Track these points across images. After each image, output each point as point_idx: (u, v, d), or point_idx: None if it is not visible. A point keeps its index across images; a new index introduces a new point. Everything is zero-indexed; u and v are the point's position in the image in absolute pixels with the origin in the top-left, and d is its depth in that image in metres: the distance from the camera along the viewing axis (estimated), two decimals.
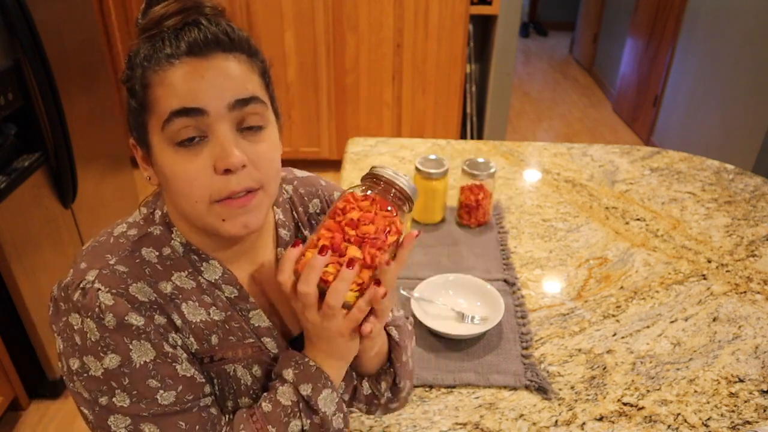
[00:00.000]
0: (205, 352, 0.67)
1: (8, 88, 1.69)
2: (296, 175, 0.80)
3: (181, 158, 0.59)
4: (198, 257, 0.67)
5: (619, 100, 4.46)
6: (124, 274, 0.63)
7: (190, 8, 0.59)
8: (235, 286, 0.69)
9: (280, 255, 0.73)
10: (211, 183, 0.59)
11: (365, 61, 3.10)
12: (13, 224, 1.71)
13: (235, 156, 0.58)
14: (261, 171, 0.61)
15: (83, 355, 0.60)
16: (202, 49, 0.58)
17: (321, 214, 0.78)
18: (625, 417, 0.98)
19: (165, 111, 0.57)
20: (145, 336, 0.61)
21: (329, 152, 3.34)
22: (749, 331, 1.16)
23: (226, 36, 0.59)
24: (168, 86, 0.57)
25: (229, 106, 0.58)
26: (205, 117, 0.57)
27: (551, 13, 6.40)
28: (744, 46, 2.89)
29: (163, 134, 0.58)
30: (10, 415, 1.94)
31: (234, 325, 0.68)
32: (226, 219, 0.61)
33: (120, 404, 0.61)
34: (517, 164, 1.76)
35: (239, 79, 0.59)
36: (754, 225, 1.49)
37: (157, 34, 0.59)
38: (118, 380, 0.60)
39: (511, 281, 1.27)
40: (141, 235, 0.66)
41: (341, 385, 0.73)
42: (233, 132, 0.59)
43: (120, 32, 3.03)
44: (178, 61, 0.57)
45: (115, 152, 2.43)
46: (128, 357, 0.60)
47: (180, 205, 0.62)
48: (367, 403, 0.79)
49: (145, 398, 0.61)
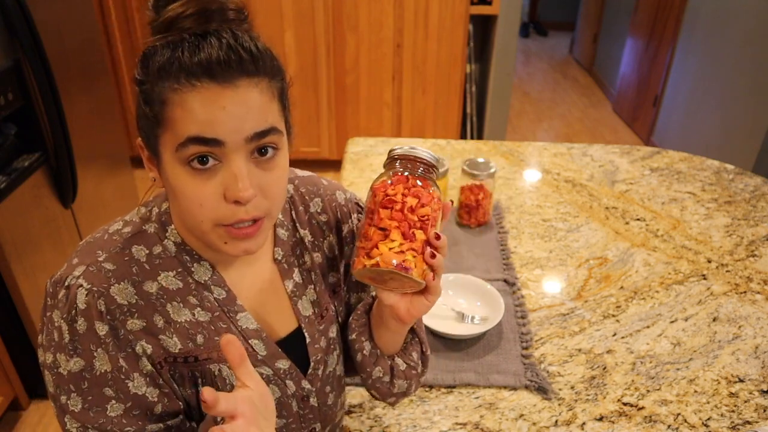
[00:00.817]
0: (190, 352, 0.67)
1: (8, 88, 1.69)
2: (298, 175, 0.80)
3: (192, 180, 0.58)
4: (190, 257, 0.67)
5: (619, 100, 4.46)
6: (109, 272, 0.63)
7: (213, 11, 0.57)
8: (223, 287, 0.69)
9: (277, 255, 0.73)
10: (219, 209, 0.59)
11: (365, 61, 3.10)
12: (13, 224, 1.71)
13: (247, 190, 0.57)
14: (269, 200, 0.61)
15: (57, 351, 0.63)
16: (224, 71, 0.55)
17: (322, 213, 0.78)
18: (625, 417, 0.98)
19: (181, 135, 0.56)
20: (104, 346, 0.62)
21: (329, 152, 3.35)
22: (749, 331, 1.16)
23: (249, 54, 0.56)
24: (187, 111, 0.55)
25: (246, 139, 0.57)
26: (221, 147, 0.57)
27: (551, 13, 6.40)
28: (744, 46, 2.89)
29: (177, 154, 0.57)
30: (10, 415, 1.94)
31: (221, 326, 0.68)
32: (228, 242, 0.61)
33: (72, 408, 0.63)
34: (517, 164, 1.76)
35: (259, 111, 0.57)
36: (754, 225, 1.49)
37: (176, 39, 0.56)
38: (78, 384, 0.62)
39: (511, 281, 1.27)
40: (134, 233, 0.67)
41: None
42: (247, 162, 0.58)
43: (120, 32, 3.03)
44: (199, 84, 0.55)
45: (115, 152, 2.43)
46: (91, 363, 0.62)
47: (185, 218, 0.62)
48: (406, 378, 0.80)
49: (97, 406, 0.63)
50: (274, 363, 0.72)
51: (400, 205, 0.63)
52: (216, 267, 0.69)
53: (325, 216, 0.78)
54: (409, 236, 0.63)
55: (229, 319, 0.69)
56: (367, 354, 0.78)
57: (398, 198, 0.63)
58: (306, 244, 0.76)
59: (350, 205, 0.80)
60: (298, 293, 0.75)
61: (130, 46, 3.07)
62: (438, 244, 0.64)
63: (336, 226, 0.78)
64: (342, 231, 0.79)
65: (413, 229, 0.63)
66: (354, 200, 0.81)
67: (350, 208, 0.80)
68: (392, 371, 0.79)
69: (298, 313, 0.75)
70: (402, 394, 0.83)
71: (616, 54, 4.54)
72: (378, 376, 0.79)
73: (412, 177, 0.65)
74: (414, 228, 0.63)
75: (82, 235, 2.11)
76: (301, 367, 0.75)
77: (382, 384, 0.80)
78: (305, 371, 0.75)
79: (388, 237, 0.63)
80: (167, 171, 0.60)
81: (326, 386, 0.80)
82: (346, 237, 0.79)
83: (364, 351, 0.78)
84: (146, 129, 0.61)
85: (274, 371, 0.72)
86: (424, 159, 0.66)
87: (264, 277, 0.73)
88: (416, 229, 0.63)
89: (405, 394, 0.83)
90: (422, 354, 0.82)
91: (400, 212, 0.63)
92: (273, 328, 0.74)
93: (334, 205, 0.79)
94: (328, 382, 0.80)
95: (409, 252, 0.63)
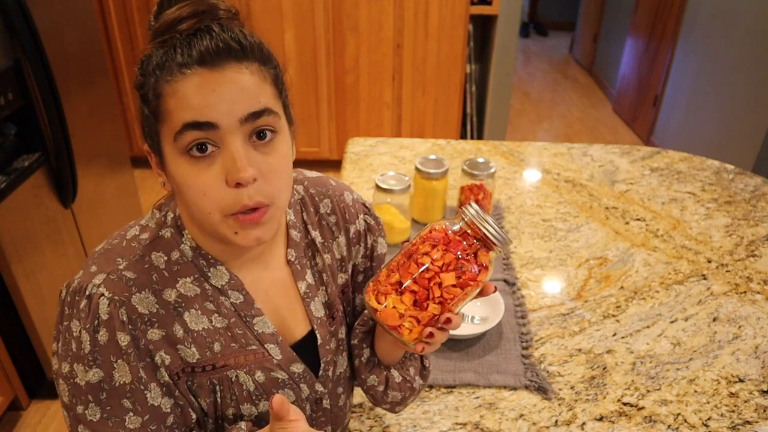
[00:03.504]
0: (208, 361, 0.67)
1: (8, 88, 1.69)
2: (306, 176, 0.80)
3: (193, 169, 0.58)
4: (206, 262, 0.67)
5: (619, 100, 4.46)
6: (130, 281, 0.63)
7: (205, 12, 0.58)
8: (241, 291, 0.69)
9: (290, 256, 0.73)
10: (223, 196, 0.59)
11: (365, 61, 3.10)
12: (13, 224, 1.71)
13: (247, 170, 0.57)
14: (271, 185, 0.60)
15: (74, 362, 0.62)
16: (214, 58, 0.56)
17: (332, 214, 0.78)
18: (625, 417, 0.98)
19: (177, 123, 0.57)
20: (126, 357, 0.62)
21: (329, 152, 3.35)
22: (749, 331, 1.16)
23: (237, 44, 0.58)
24: (180, 98, 0.57)
25: (240, 120, 0.57)
26: (216, 131, 0.57)
27: (551, 13, 6.40)
28: (744, 46, 2.89)
29: (176, 144, 0.58)
30: (10, 415, 1.94)
31: (237, 331, 0.68)
32: (238, 232, 0.61)
33: (90, 418, 0.63)
34: (517, 164, 1.76)
35: (251, 92, 0.58)
36: (754, 225, 1.49)
37: (170, 40, 0.58)
38: (96, 394, 0.62)
39: (511, 281, 1.27)
40: (152, 239, 0.67)
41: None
42: (245, 144, 0.59)
43: (120, 32, 3.03)
44: (190, 71, 0.56)
45: (115, 152, 2.43)
46: (110, 375, 0.62)
47: (194, 213, 0.62)
48: (401, 390, 0.80)
49: (115, 416, 0.63)
50: (289, 367, 0.72)
51: (432, 274, 0.60)
52: (232, 271, 0.68)
53: (334, 217, 0.78)
54: (420, 306, 0.61)
55: (246, 325, 0.69)
56: (364, 361, 0.79)
57: (434, 267, 0.60)
58: (317, 245, 0.76)
59: (357, 206, 0.80)
60: (311, 294, 0.75)
61: (130, 46, 3.07)
62: (445, 326, 0.63)
63: (344, 227, 0.78)
64: (350, 232, 0.79)
65: (429, 301, 0.61)
66: (360, 201, 0.81)
67: (357, 209, 0.80)
68: (387, 381, 0.79)
69: (311, 314, 0.75)
70: (397, 404, 0.83)
71: (616, 54, 4.54)
72: (372, 384, 0.80)
73: (468, 247, 0.61)
74: (431, 301, 0.61)
75: (82, 235, 2.11)
76: (312, 369, 0.75)
77: (375, 392, 0.80)
78: (316, 373, 0.76)
79: (401, 296, 0.61)
80: (170, 166, 0.60)
81: (338, 387, 0.80)
82: (353, 238, 0.79)
83: (362, 358, 0.79)
84: (149, 130, 0.61)
85: (289, 375, 0.72)
86: (491, 236, 0.61)
87: (278, 279, 0.73)
88: (433, 303, 0.61)
89: (400, 403, 0.83)
90: (422, 369, 0.82)
91: (428, 281, 0.61)
92: (287, 331, 0.74)
93: (342, 206, 0.79)
94: (340, 383, 0.80)
95: (409, 320, 0.61)
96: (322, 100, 3.19)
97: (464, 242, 0.61)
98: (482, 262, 0.61)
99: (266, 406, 0.71)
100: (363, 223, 0.80)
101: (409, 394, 0.82)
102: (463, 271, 0.60)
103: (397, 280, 0.62)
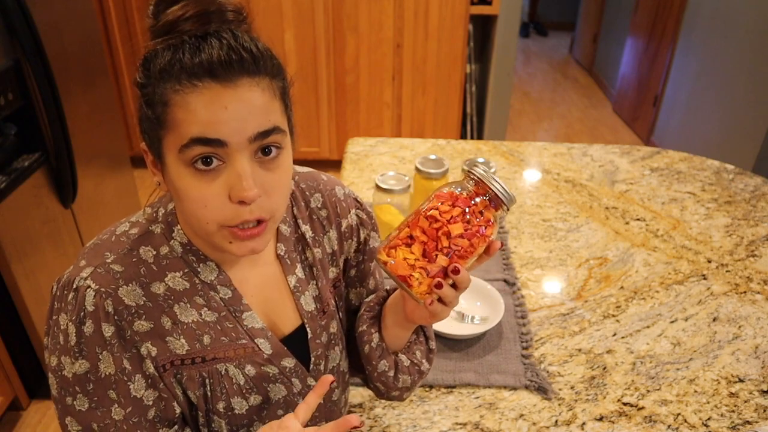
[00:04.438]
0: (197, 353, 0.67)
1: (8, 88, 1.69)
2: (297, 171, 0.80)
3: (196, 181, 0.58)
4: (196, 258, 0.67)
5: (619, 100, 4.46)
6: (117, 273, 0.64)
7: (212, 12, 0.56)
8: (229, 287, 0.69)
9: (280, 250, 0.74)
10: (224, 210, 0.59)
11: (365, 61, 3.10)
12: (13, 224, 1.71)
13: (252, 190, 0.57)
14: (273, 201, 0.61)
15: (62, 354, 0.63)
16: (227, 71, 0.55)
17: (323, 208, 0.78)
18: (625, 417, 0.98)
19: (184, 136, 0.56)
20: (110, 348, 0.63)
21: (329, 152, 3.35)
22: (749, 331, 1.16)
23: (250, 55, 0.56)
24: (189, 112, 0.55)
25: (249, 139, 0.57)
26: (225, 148, 0.57)
27: (551, 13, 6.40)
28: (744, 46, 2.89)
29: (180, 156, 0.57)
30: (10, 415, 1.94)
31: (227, 325, 0.69)
32: (233, 242, 0.61)
33: (78, 408, 0.64)
34: (517, 164, 1.76)
35: (262, 110, 0.57)
36: (754, 225, 1.49)
37: (176, 42, 0.56)
38: (83, 386, 0.63)
39: (511, 281, 1.27)
40: (141, 234, 0.67)
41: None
42: (251, 162, 0.58)
43: (120, 32, 3.03)
44: (201, 84, 0.55)
45: (115, 152, 2.43)
46: (96, 366, 0.63)
47: (189, 220, 0.62)
48: (410, 374, 0.81)
49: (103, 407, 0.64)
50: (280, 361, 0.72)
51: (440, 225, 0.63)
52: (221, 267, 0.69)
53: (325, 211, 0.78)
54: (429, 256, 0.63)
55: (235, 319, 0.69)
56: (374, 346, 0.79)
57: (443, 219, 0.63)
58: (307, 239, 0.76)
59: (349, 200, 0.80)
60: (301, 289, 0.75)
61: (130, 46, 3.07)
62: (454, 277, 0.63)
63: (335, 221, 0.79)
64: (341, 226, 0.79)
65: (437, 252, 0.63)
66: (352, 195, 0.82)
67: (349, 204, 0.80)
68: (397, 366, 0.80)
69: (301, 308, 0.75)
70: (406, 389, 0.83)
71: (616, 54, 4.54)
72: (383, 370, 0.80)
73: (475, 204, 0.64)
74: (439, 251, 0.63)
75: (82, 235, 2.11)
76: (304, 363, 0.75)
77: (387, 378, 0.80)
78: (307, 367, 0.76)
79: (410, 247, 0.63)
80: (171, 173, 0.60)
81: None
82: (345, 232, 0.79)
83: (372, 343, 0.79)
84: (149, 132, 0.60)
85: (281, 370, 0.72)
86: (498, 193, 0.64)
87: (267, 274, 0.73)
88: (441, 253, 0.63)
89: (409, 389, 0.83)
90: (428, 351, 0.83)
91: (436, 231, 0.63)
92: (277, 325, 0.74)
93: (333, 201, 0.79)
94: (334, 377, 0.81)
95: (419, 270, 0.63)
96: (322, 100, 3.19)
97: (471, 201, 0.64)
98: (489, 218, 0.64)
99: (257, 400, 0.72)
100: (355, 218, 0.80)
101: (417, 378, 0.83)
102: (470, 224, 0.63)
103: (407, 234, 0.64)
